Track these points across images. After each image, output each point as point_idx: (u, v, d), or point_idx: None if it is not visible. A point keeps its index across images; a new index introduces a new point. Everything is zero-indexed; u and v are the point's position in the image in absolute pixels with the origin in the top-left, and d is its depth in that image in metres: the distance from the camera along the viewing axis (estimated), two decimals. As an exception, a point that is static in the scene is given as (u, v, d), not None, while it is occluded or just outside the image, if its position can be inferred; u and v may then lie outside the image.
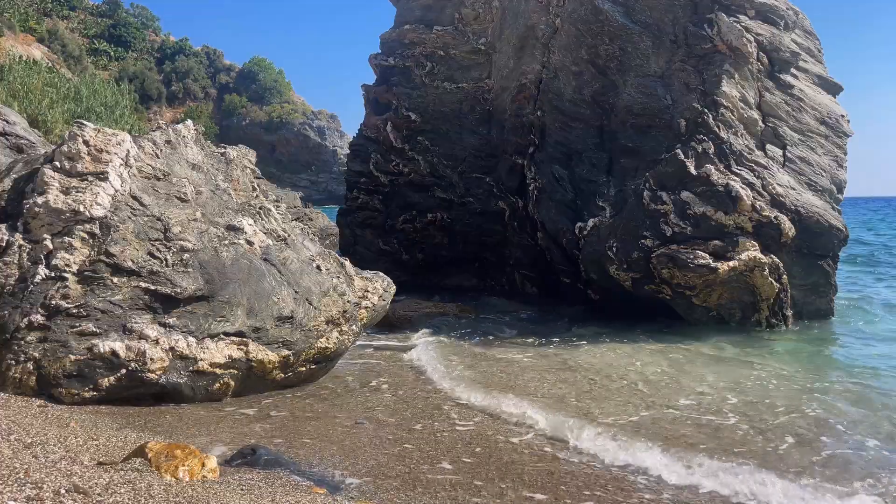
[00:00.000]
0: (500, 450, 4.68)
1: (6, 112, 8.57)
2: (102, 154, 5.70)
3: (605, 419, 5.38)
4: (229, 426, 5.00)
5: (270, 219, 6.80)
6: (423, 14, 14.25)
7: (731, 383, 6.52)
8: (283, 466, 3.97)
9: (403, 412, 5.54)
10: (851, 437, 5.10)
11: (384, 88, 14.61)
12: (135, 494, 2.92)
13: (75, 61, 50.15)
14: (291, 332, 6.07)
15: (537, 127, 11.40)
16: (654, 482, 4.22)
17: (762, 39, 9.61)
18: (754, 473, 4.27)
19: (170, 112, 59.04)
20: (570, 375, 6.86)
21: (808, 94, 10.15)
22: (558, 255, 11.03)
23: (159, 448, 3.65)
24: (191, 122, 7.03)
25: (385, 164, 14.29)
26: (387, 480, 4.06)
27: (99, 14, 63.06)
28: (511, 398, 5.80)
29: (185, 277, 5.54)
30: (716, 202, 8.78)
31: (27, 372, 4.89)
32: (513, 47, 12.33)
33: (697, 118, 9.18)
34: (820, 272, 9.55)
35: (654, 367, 7.17)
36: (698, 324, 9.26)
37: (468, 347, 8.28)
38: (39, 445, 3.65)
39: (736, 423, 5.35)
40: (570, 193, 10.61)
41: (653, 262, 9.02)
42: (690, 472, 4.31)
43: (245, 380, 5.81)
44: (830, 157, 10.05)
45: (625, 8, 10.02)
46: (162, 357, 5.24)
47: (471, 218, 13.42)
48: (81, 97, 17.80)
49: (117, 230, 5.41)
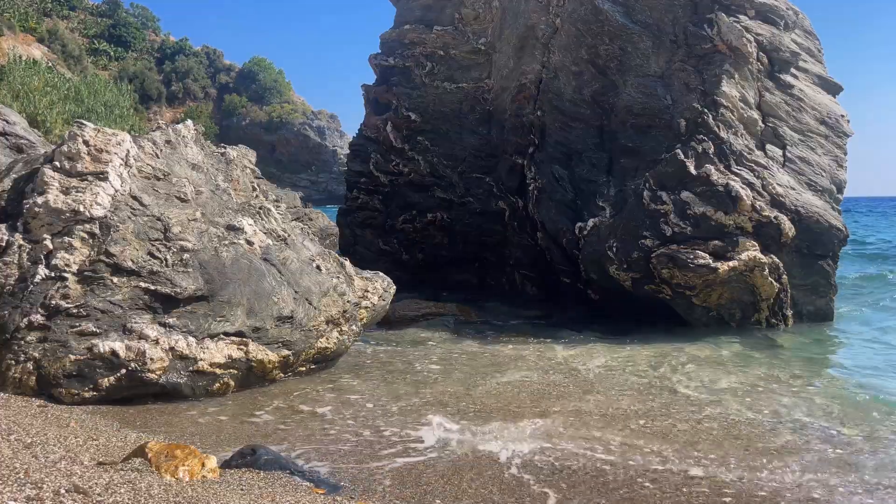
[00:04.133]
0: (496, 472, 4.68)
1: (6, 112, 8.57)
2: (102, 154, 5.70)
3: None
4: (229, 426, 5.00)
5: (270, 219, 6.80)
6: (423, 14, 14.24)
7: (718, 385, 6.52)
8: (282, 467, 3.97)
9: (403, 413, 5.54)
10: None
11: (384, 88, 14.60)
12: (135, 494, 2.92)
13: (75, 61, 50.11)
14: (291, 332, 6.07)
15: (537, 127, 11.39)
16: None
17: (762, 39, 9.61)
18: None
19: (170, 112, 58.99)
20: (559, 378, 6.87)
21: (808, 94, 10.15)
22: (558, 255, 11.02)
23: (159, 448, 3.65)
24: (191, 122, 7.04)
25: (385, 164, 14.29)
26: (386, 480, 4.07)
27: (99, 14, 62.99)
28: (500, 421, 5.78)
29: (185, 277, 5.54)
30: (716, 202, 8.78)
31: (27, 372, 4.89)
32: (513, 47, 12.33)
33: (697, 118, 9.17)
34: (820, 272, 9.55)
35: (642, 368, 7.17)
36: (698, 324, 9.26)
37: (467, 348, 8.28)
38: (39, 445, 3.65)
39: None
40: (570, 193, 10.61)
41: (653, 262, 9.02)
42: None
43: (245, 380, 5.82)
44: (830, 157, 10.05)
45: (625, 8, 10.02)
46: (162, 357, 5.25)
47: (471, 218, 13.42)
48: (81, 97, 17.81)
49: (117, 230, 5.41)
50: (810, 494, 4.04)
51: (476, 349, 8.16)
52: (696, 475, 4.27)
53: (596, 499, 3.91)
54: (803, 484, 4.19)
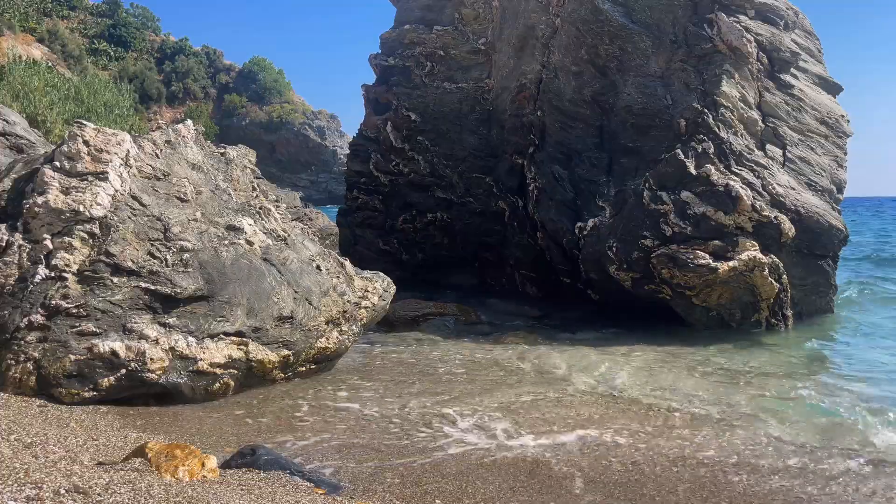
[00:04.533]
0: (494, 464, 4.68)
1: (6, 112, 8.57)
2: (102, 154, 5.70)
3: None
4: (229, 426, 5.00)
5: (270, 219, 6.80)
6: (423, 14, 14.24)
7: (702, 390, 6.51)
8: (282, 466, 3.97)
9: (405, 414, 5.54)
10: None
11: (384, 88, 14.60)
12: (135, 494, 2.92)
13: (75, 61, 50.14)
14: (291, 332, 6.07)
15: (537, 127, 11.39)
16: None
17: (762, 39, 9.61)
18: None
19: (170, 112, 59.00)
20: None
21: (809, 94, 10.15)
22: (558, 255, 11.02)
23: (159, 448, 3.66)
24: (191, 122, 7.03)
25: (385, 164, 14.29)
26: (386, 481, 4.07)
27: (99, 14, 63.02)
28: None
29: (185, 277, 5.54)
30: (716, 202, 8.78)
31: (27, 372, 4.89)
32: (513, 47, 12.33)
33: (697, 118, 9.17)
34: (820, 272, 9.56)
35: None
36: (698, 324, 9.26)
37: (468, 348, 8.27)
38: (39, 445, 3.65)
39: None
40: (570, 193, 10.61)
41: (653, 262, 9.02)
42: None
43: (245, 380, 5.81)
44: (830, 157, 10.05)
45: (625, 8, 10.02)
46: (162, 357, 5.24)
47: (471, 218, 13.42)
48: (81, 97, 17.80)
49: (117, 230, 5.41)
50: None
51: (476, 349, 8.16)
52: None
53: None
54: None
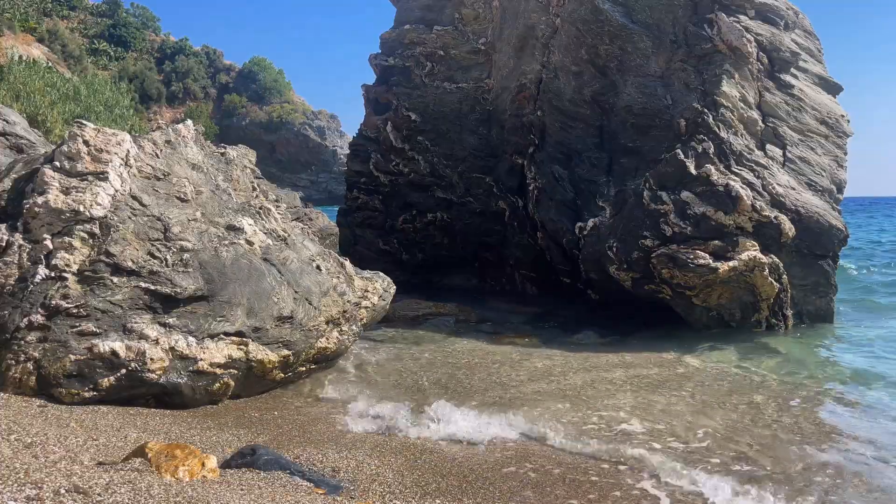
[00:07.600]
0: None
1: (6, 112, 8.57)
2: (102, 154, 5.70)
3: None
4: (229, 426, 5.00)
5: (270, 219, 6.80)
6: (423, 14, 14.24)
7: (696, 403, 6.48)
8: (282, 466, 3.97)
9: (405, 412, 5.54)
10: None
11: (384, 88, 14.60)
12: (135, 494, 2.92)
13: (75, 61, 50.10)
14: (291, 332, 6.07)
15: (537, 127, 11.39)
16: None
17: (762, 39, 9.61)
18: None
19: (170, 112, 58.96)
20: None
21: (809, 94, 10.15)
22: (558, 254, 11.02)
23: (159, 448, 3.65)
24: (191, 121, 7.03)
25: (385, 163, 14.29)
26: (386, 480, 4.07)
27: (99, 14, 62.98)
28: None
29: (185, 277, 5.54)
30: (716, 202, 8.77)
31: (27, 372, 4.89)
32: (513, 47, 12.33)
33: (697, 118, 9.17)
34: (820, 272, 9.55)
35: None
36: (698, 324, 9.26)
37: (468, 348, 8.28)
38: (39, 445, 3.65)
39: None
40: (570, 193, 10.61)
41: (653, 262, 9.01)
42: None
43: (245, 380, 5.81)
44: (830, 157, 10.05)
45: (625, 8, 10.02)
46: (162, 357, 5.24)
47: (471, 218, 13.42)
48: (81, 97, 17.80)
49: (117, 230, 5.41)
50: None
51: (476, 349, 8.16)
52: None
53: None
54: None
